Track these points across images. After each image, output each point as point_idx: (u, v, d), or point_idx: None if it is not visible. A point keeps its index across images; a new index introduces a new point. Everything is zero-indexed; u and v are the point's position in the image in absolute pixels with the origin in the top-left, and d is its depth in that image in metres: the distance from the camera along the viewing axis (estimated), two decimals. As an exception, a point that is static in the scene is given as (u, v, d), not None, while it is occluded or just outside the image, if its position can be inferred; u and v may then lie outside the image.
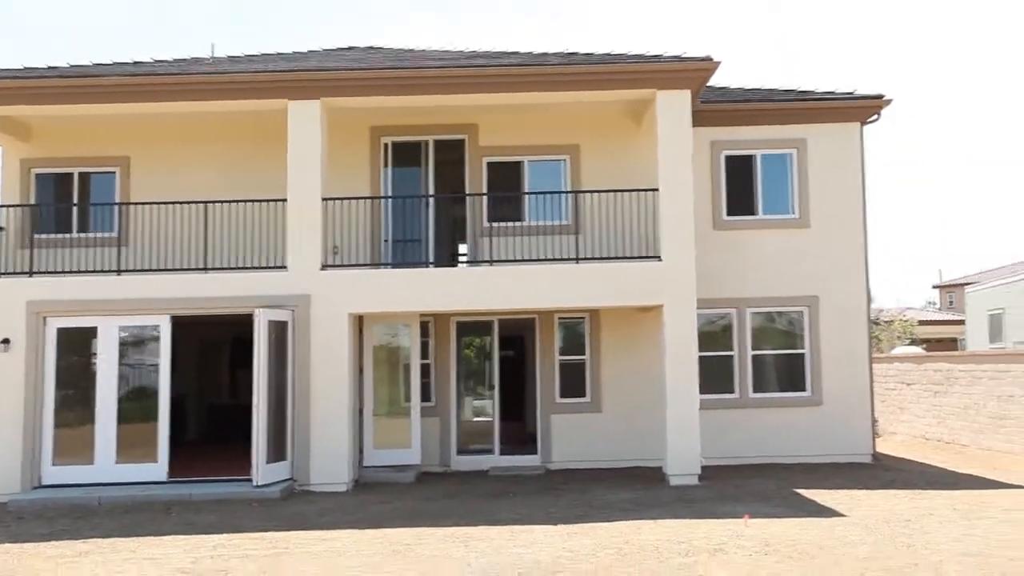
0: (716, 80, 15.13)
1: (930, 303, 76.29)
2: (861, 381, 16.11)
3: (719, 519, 11.24)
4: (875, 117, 16.34)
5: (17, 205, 15.55)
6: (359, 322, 14.67)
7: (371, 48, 18.53)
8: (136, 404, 13.88)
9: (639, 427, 15.64)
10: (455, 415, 15.85)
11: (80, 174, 16.10)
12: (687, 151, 14.06)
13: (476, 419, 16.31)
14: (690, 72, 13.99)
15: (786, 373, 16.28)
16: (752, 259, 15.96)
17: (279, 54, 17.60)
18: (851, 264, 16.23)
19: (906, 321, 44.04)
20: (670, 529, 10.76)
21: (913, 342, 40.76)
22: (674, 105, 14.03)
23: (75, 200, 16.13)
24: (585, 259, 14.40)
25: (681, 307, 13.76)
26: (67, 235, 15.69)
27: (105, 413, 13.65)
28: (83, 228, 15.94)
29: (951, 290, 73.96)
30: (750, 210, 16.30)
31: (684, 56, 14.04)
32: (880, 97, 16.14)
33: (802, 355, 16.21)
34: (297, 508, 12.47)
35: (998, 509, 11.71)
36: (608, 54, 15.13)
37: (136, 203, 14.76)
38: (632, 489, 13.61)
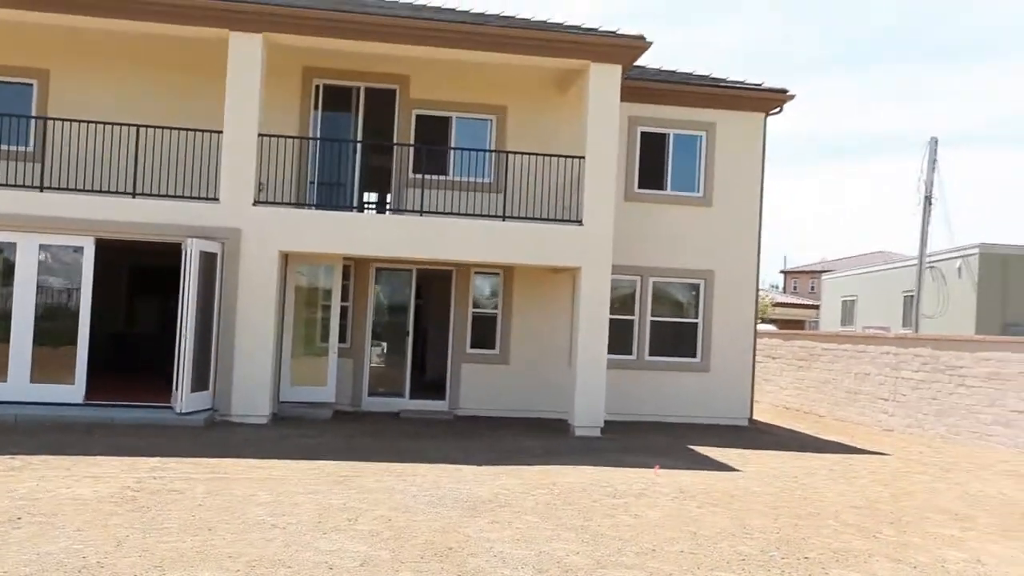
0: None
1: (773, 286, 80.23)
2: (746, 352, 17.14)
3: (630, 468, 11.75)
4: (778, 109, 17.21)
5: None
6: (284, 260, 14.54)
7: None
8: (54, 324, 13.48)
9: (542, 381, 16.21)
10: (368, 358, 15.99)
11: (-5, 83, 15.24)
12: (614, 124, 14.54)
13: (387, 364, 16.40)
14: (624, 48, 14.40)
15: (680, 340, 17.08)
16: (658, 231, 16.61)
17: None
18: (745, 243, 17.13)
19: (765, 302, 46.31)
20: (589, 474, 11.24)
21: (763, 321, 43.02)
22: (606, 78, 14.44)
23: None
24: (511, 217, 14.72)
25: (597, 270, 14.29)
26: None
27: (20, 331, 13.18)
28: (-5, 140, 15.11)
29: (796, 276, 78.52)
30: (660, 185, 16.94)
31: (619, 32, 14.39)
32: (784, 91, 17.00)
33: (695, 324, 17.07)
34: (222, 436, 12.45)
35: (866, 471, 12.79)
36: (544, 22, 15.21)
37: (63, 119, 13.92)
38: (540, 437, 14.06)
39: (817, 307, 48.22)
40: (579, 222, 14.40)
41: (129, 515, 7.76)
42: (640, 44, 14.27)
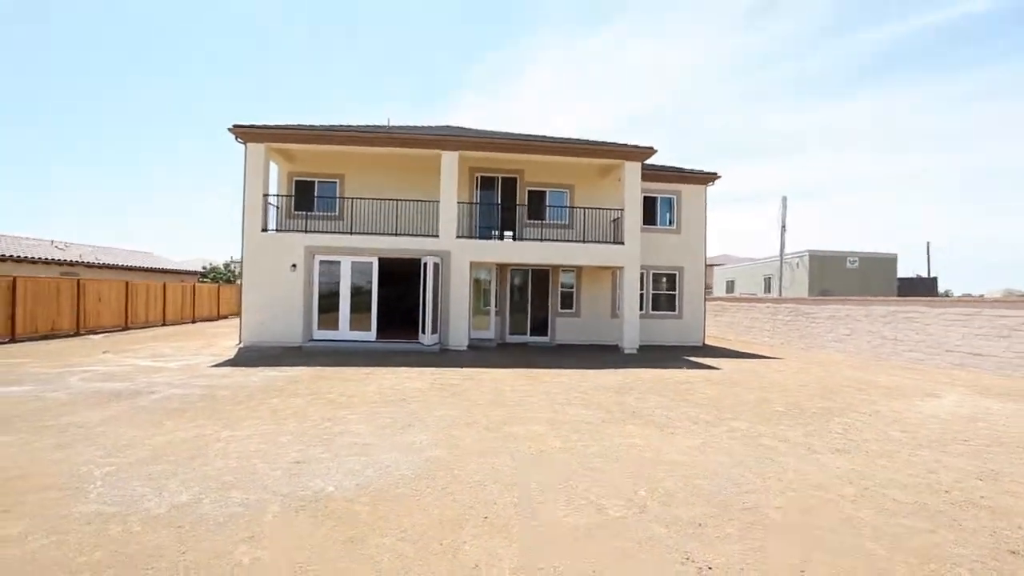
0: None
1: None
2: (700, 307, 16.86)
3: (669, 368, 11.19)
4: (712, 183, 16.99)
5: (287, 195, 14.79)
6: (469, 266, 14.44)
7: (462, 127, 18.05)
8: (359, 300, 13.57)
9: (597, 325, 16.10)
10: (508, 315, 15.89)
11: (319, 181, 15.31)
12: (639, 192, 14.39)
13: (516, 319, 16.29)
14: (643, 153, 14.28)
15: (666, 302, 16.82)
16: (653, 247, 16.44)
17: (424, 127, 17.03)
18: (698, 252, 16.88)
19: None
20: (654, 372, 10.63)
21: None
22: (633, 168, 14.36)
23: (315, 195, 15.30)
24: (589, 241, 14.64)
25: (632, 267, 14.17)
26: (309, 213, 14.99)
27: (344, 305, 13.38)
28: (318, 209, 15.22)
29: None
30: (653, 223, 16.72)
31: (641, 145, 14.26)
32: (715, 174, 16.81)
33: (674, 294, 16.81)
34: (450, 356, 12.21)
35: (783, 366, 12.00)
36: (598, 141, 15.01)
37: (360, 198, 14.21)
38: (607, 354, 13.55)
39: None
40: (622, 243, 14.33)
41: (452, 398, 7.60)
42: (651, 151, 14.21)
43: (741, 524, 3.48)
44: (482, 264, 15.04)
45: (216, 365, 10.24)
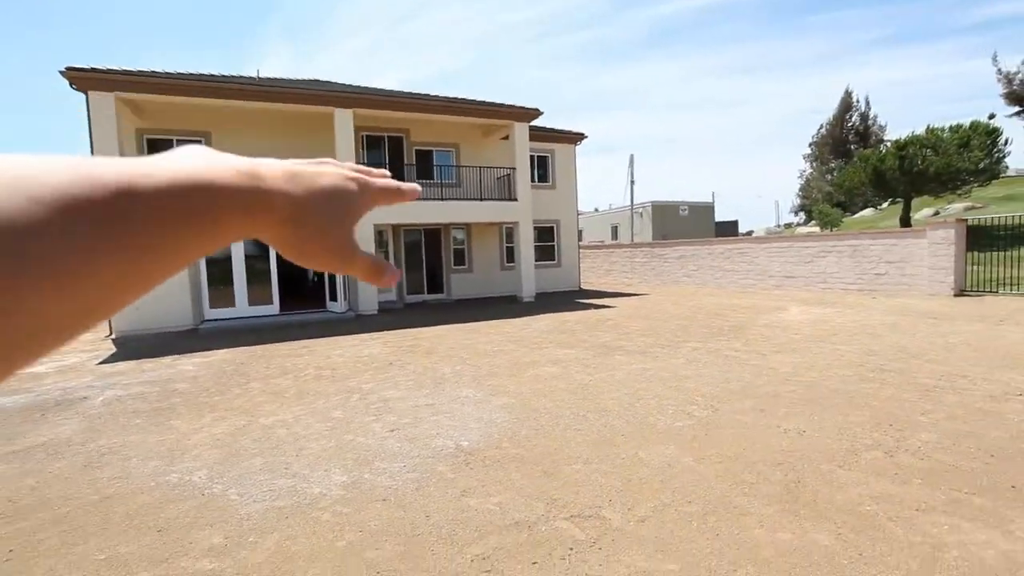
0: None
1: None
2: (575, 257, 18.38)
3: (577, 311, 11.77)
4: (580, 142, 18.32)
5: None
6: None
7: (344, 84, 16.56)
8: (255, 272, 12.11)
9: (489, 278, 16.65)
10: (404, 276, 15.60)
11: (177, 140, 12.87)
12: (527, 151, 14.94)
13: (414, 278, 16.12)
14: (531, 114, 14.78)
15: (547, 253, 17.94)
16: (536, 202, 17.32)
17: (300, 80, 15.21)
18: (571, 205, 18.23)
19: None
20: (572, 315, 11.16)
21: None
22: (522, 129, 14.83)
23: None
24: (483, 199, 14.94)
25: (526, 222, 14.75)
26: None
27: (238, 278, 11.89)
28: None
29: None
30: (532, 179, 17.51)
31: (528, 107, 14.70)
32: (582, 134, 18.10)
33: (554, 245, 18.02)
34: (371, 321, 11.52)
35: (659, 298, 13.44)
36: (491, 102, 14.90)
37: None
38: (512, 305, 13.74)
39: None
40: (515, 199, 14.87)
41: (431, 355, 7.40)
42: (538, 112, 14.81)
43: (787, 403, 4.61)
44: (379, 226, 14.45)
45: (105, 362, 8.51)
